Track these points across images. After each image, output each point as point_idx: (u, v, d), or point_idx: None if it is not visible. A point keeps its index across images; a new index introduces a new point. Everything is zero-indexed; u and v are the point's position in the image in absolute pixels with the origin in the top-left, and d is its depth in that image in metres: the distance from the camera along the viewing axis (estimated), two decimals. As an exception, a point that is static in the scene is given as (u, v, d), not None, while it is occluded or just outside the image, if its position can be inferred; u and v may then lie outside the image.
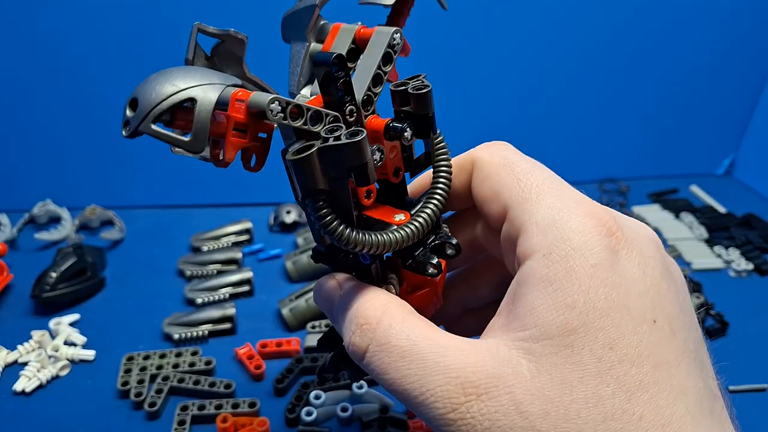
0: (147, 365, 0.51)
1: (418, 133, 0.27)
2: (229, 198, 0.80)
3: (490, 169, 0.27)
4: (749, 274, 0.68)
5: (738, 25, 0.81)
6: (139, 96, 0.23)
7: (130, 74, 0.70)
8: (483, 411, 0.21)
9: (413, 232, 0.26)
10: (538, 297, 0.22)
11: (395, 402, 0.48)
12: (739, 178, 0.92)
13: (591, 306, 0.21)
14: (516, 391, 0.21)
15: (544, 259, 0.23)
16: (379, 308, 0.25)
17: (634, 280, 0.22)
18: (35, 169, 0.76)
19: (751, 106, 0.88)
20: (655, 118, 0.87)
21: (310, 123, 0.24)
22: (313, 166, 0.23)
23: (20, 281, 0.61)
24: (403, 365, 0.23)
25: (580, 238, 0.22)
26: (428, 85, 0.26)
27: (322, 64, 0.24)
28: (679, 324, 0.22)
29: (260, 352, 0.53)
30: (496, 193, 0.27)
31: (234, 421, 0.46)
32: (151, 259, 0.68)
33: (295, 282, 0.64)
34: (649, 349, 0.21)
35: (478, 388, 0.21)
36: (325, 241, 0.29)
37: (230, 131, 0.23)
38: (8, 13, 0.66)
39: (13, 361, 0.52)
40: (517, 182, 0.26)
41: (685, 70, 0.83)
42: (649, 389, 0.20)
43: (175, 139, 0.23)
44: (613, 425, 0.20)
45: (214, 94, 0.23)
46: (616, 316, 0.21)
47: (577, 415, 0.20)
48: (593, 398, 0.20)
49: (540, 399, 0.20)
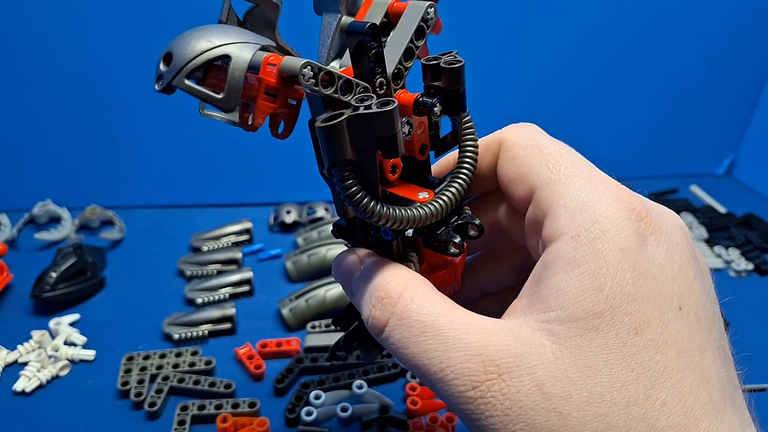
0: (147, 365, 0.51)
1: (448, 109, 0.27)
2: (229, 198, 0.80)
3: (518, 150, 0.27)
4: (749, 274, 0.68)
5: (738, 26, 0.81)
6: (173, 50, 0.22)
7: (130, 74, 0.70)
8: (504, 391, 0.21)
9: (438, 209, 0.25)
10: (565, 279, 0.22)
11: (395, 402, 0.49)
12: (739, 178, 0.92)
13: (618, 290, 0.21)
14: (538, 372, 0.21)
15: (572, 241, 0.22)
16: (400, 283, 0.25)
17: (662, 266, 0.22)
18: (35, 169, 0.76)
19: (751, 106, 0.88)
20: (655, 118, 0.87)
21: (340, 92, 0.23)
22: (342, 135, 0.23)
23: (20, 281, 0.61)
24: (424, 340, 0.23)
25: (609, 222, 0.22)
26: (461, 61, 0.26)
27: (355, 34, 0.24)
28: (705, 312, 0.22)
29: (260, 352, 0.53)
30: (523, 175, 0.26)
31: (234, 421, 0.46)
32: (151, 259, 0.68)
33: (295, 282, 0.64)
34: (674, 336, 0.21)
35: (500, 367, 0.21)
36: (348, 213, 0.29)
37: (261, 95, 0.23)
38: (8, 12, 0.66)
39: (13, 361, 0.52)
40: (546, 164, 0.25)
41: (686, 71, 0.83)
42: (673, 376, 0.20)
43: (208, 95, 0.22)
44: (636, 410, 0.20)
45: (249, 54, 0.23)
46: (643, 302, 0.21)
47: (600, 399, 0.20)
48: (617, 382, 0.20)
49: (563, 381, 0.20)
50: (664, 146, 0.89)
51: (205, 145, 0.77)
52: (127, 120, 0.74)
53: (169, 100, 0.77)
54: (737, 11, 0.80)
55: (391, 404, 0.48)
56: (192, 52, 0.22)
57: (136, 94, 0.72)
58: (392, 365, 0.51)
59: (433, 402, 0.48)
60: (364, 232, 0.29)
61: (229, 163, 0.78)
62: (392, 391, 0.50)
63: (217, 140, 0.76)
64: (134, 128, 0.75)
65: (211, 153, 0.77)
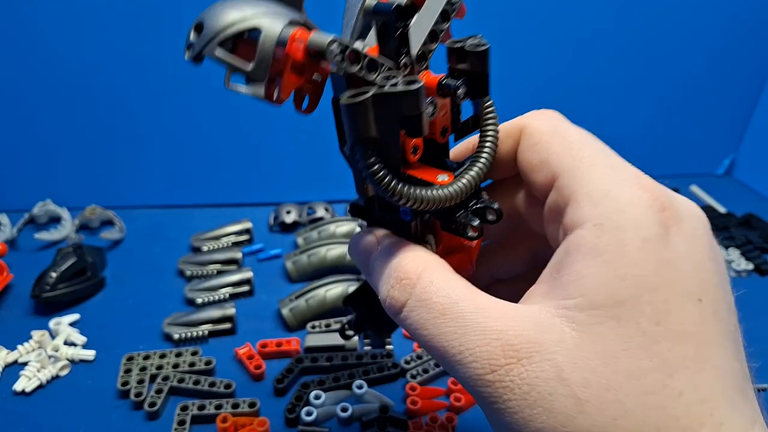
0: (147, 365, 0.51)
1: (471, 92, 0.27)
2: (229, 198, 0.80)
3: (540, 136, 0.27)
4: (749, 274, 0.68)
5: (738, 25, 0.81)
6: (205, 20, 0.23)
7: (130, 74, 0.70)
8: (523, 375, 0.21)
9: (458, 191, 0.25)
10: (587, 266, 0.22)
11: (395, 402, 0.49)
12: (739, 178, 0.92)
13: (641, 280, 0.21)
14: (558, 359, 0.21)
15: (595, 230, 0.22)
16: (419, 264, 0.25)
17: (684, 257, 0.22)
18: (35, 169, 0.76)
19: (751, 106, 0.88)
20: (655, 118, 0.87)
21: (366, 70, 0.23)
22: (366, 113, 0.23)
23: (20, 281, 0.61)
24: (443, 322, 0.23)
25: (634, 211, 0.22)
26: (487, 44, 0.26)
27: (381, 14, 0.24)
28: (723, 305, 0.22)
29: (260, 352, 0.53)
30: (544, 161, 0.26)
31: (234, 421, 0.46)
32: (151, 259, 0.68)
33: (295, 282, 0.64)
34: (694, 328, 0.21)
35: (519, 351, 0.21)
36: (369, 192, 0.29)
37: (288, 69, 0.23)
38: (8, 12, 0.66)
39: (13, 361, 0.52)
40: (569, 151, 0.25)
41: (685, 71, 0.83)
42: (691, 367, 0.20)
43: (238, 65, 0.23)
44: (654, 399, 0.20)
45: (279, 27, 0.23)
46: (665, 292, 0.21)
47: (619, 387, 0.20)
48: (636, 372, 0.20)
49: (582, 368, 0.20)
50: (664, 146, 0.89)
51: (206, 145, 0.77)
52: (128, 120, 0.74)
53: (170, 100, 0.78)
54: (737, 11, 0.80)
55: (391, 404, 0.48)
56: (224, 22, 0.22)
57: (137, 94, 0.72)
58: (392, 365, 0.51)
59: (433, 402, 0.48)
60: (383, 212, 0.29)
61: (229, 163, 0.78)
62: (392, 391, 0.50)
63: (218, 140, 0.77)
64: (134, 128, 0.75)
65: (211, 153, 0.77)
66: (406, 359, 0.53)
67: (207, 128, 0.76)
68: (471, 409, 0.49)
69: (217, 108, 0.74)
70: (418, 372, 0.51)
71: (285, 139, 0.77)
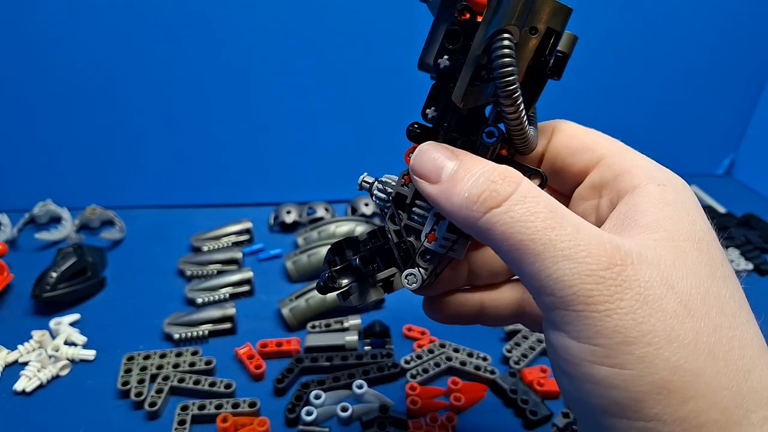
0: (147, 365, 0.51)
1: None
2: (229, 198, 0.80)
3: (577, 130, 0.30)
4: (749, 274, 0.68)
5: (738, 25, 0.81)
6: None
7: (130, 74, 0.70)
8: (635, 277, 0.22)
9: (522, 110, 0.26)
10: (663, 211, 0.25)
11: (395, 402, 0.49)
12: (739, 178, 0.92)
13: (706, 228, 0.25)
14: (663, 269, 0.22)
15: (660, 188, 0.26)
16: (518, 173, 0.25)
17: None
18: (35, 169, 0.76)
19: (751, 106, 0.89)
20: (654, 118, 0.87)
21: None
22: (526, 3, 0.24)
23: (21, 281, 0.62)
24: (552, 217, 0.23)
25: (678, 182, 0.27)
26: None
27: None
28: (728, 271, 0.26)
29: (260, 352, 0.53)
30: (586, 147, 0.29)
31: (234, 421, 0.46)
32: (151, 259, 0.68)
33: (295, 282, 0.65)
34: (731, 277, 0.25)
35: (630, 256, 0.22)
36: (470, 102, 0.26)
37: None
38: (8, 11, 0.66)
39: (13, 361, 0.52)
40: (606, 140, 0.30)
41: (685, 71, 0.83)
42: (745, 306, 0.24)
43: None
44: (730, 321, 0.23)
45: None
46: (715, 245, 0.25)
47: (719, 293, 0.23)
48: (719, 296, 0.23)
49: (683, 280, 0.22)
50: (664, 146, 0.89)
51: (206, 145, 0.77)
52: (128, 120, 0.74)
53: (170, 101, 0.77)
54: (737, 11, 0.80)
55: (391, 404, 0.48)
56: None
57: (137, 94, 0.72)
58: (392, 365, 0.52)
59: (433, 402, 0.48)
60: (460, 134, 0.28)
61: (230, 163, 0.78)
62: (392, 391, 0.50)
63: (218, 140, 0.77)
64: (134, 128, 0.75)
65: (211, 153, 0.77)
66: (406, 359, 0.53)
67: (207, 128, 0.76)
68: (471, 409, 0.49)
69: (218, 108, 0.74)
70: (418, 372, 0.51)
71: (285, 139, 0.77)
